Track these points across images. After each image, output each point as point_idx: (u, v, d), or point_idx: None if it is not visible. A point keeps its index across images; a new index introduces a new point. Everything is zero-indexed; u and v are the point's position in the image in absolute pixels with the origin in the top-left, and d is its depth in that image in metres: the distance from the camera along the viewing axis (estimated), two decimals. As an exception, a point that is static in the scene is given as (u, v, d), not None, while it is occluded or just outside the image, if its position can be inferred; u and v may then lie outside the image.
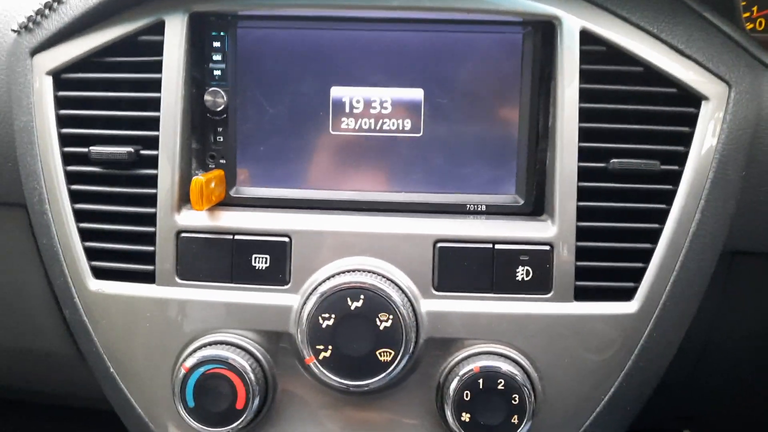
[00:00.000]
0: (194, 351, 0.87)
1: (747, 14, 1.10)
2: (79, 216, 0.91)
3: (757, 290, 1.05)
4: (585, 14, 0.88)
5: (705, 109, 0.88)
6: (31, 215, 0.94)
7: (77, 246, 0.91)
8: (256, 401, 0.86)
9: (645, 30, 0.88)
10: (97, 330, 0.92)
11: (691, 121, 0.88)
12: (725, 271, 0.98)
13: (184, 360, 0.87)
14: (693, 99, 0.89)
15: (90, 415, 1.34)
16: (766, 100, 0.91)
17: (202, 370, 0.86)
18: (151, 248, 0.90)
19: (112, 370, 0.92)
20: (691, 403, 1.26)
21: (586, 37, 0.87)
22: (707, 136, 0.88)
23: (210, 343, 0.88)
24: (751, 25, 1.10)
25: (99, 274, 0.91)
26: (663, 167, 0.88)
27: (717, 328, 1.05)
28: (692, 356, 1.07)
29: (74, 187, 0.92)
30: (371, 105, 0.92)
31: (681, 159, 0.88)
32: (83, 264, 0.91)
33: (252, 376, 0.86)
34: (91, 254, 0.91)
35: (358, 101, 0.92)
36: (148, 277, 0.90)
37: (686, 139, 0.89)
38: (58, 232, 0.91)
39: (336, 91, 0.92)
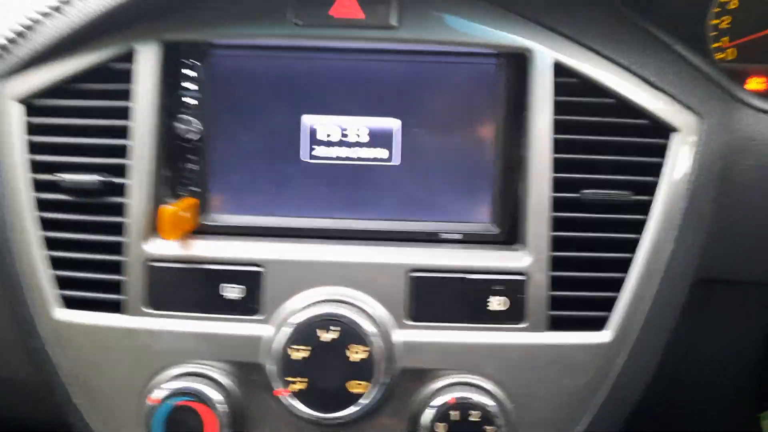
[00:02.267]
0: (163, 383, 0.85)
1: (717, 44, 1.11)
2: (47, 244, 0.89)
3: (730, 317, 1.06)
4: (557, 46, 0.88)
5: (675, 140, 0.89)
6: None
7: (42, 274, 0.89)
8: (227, 435, 0.85)
9: (617, 63, 0.89)
10: (61, 360, 0.90)
11: (663, 151, 0.89)
12: (698, 299, 0.98)
13: (153, 392, 0.85)
14: (664, 130, 0.89)
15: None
16: (736, 131, 0.92)
17: (170, 402, 0.84)
18: (119, 277, 0.88)
19: (75, 400, 0.90)
20: (665, 426, 1.26)
21: (559, 69, 0.88)
22: (677, 166, 0.89)
23: (179, 375, 0.86)
24: (722, 55, 1.11)
25: (65, 302, 0.89)
26: (635, 197, 0.89)
27: (691, 354, 1.05)
28: (666, 381, 1.07)
29: (43, 214, 0.90)
30: (346, 134, 0.92)
31: (652, 189, 0.89)
32: (48, 292, 0.89)
33: (222, 408, 0.84)
34: (57, 282, 0.89)
35: (333, 130, 0.92)
36: (117, 307, 0.88)
37: (657, 170, 0.89)
38: (21, 260, 0.89)
39: (311, 120, 0.92)
